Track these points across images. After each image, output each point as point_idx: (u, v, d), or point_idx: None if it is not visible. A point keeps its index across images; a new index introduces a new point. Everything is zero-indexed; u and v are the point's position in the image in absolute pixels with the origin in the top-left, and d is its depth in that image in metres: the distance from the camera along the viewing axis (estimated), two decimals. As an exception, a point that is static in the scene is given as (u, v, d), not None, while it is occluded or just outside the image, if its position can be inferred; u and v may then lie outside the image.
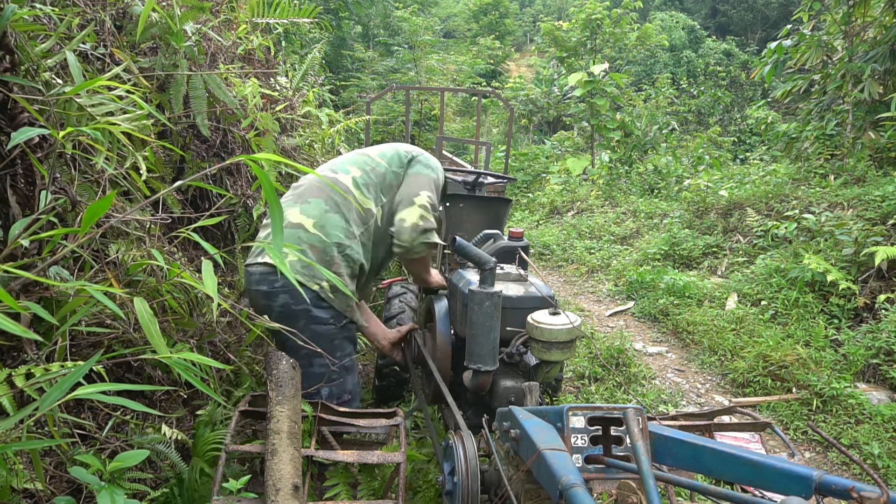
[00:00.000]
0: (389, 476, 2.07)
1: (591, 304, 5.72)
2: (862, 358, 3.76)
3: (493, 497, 1.70)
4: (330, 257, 2.07)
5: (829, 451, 3.19)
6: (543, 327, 1.96)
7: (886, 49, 6.48)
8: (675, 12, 27.04)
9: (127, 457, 1.36)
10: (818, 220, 5.08)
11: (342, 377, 2.14)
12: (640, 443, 1.10)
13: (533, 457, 1.26)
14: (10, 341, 1.49)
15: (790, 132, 7.71)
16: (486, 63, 21.01)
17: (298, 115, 3.52)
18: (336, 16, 14.52)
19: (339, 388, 2.14)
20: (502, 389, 2.12)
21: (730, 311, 4.65)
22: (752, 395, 3.72)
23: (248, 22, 3.13)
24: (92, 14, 2.06)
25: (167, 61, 2.23)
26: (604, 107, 10.44)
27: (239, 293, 2.73)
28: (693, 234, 6.55)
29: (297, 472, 1.51)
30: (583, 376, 3.88)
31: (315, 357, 2.02)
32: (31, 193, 1.61)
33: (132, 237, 1.95)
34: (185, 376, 1.34)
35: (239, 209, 2.81)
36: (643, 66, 21.16)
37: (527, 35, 32.39)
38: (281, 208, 1.35)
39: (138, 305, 1.34)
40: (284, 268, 1.39)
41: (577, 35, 11.41)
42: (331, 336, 2.08)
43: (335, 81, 10.90)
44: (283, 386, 1.70)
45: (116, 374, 1.87)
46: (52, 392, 1.10)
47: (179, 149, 2.36)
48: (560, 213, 9.63)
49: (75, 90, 1.53)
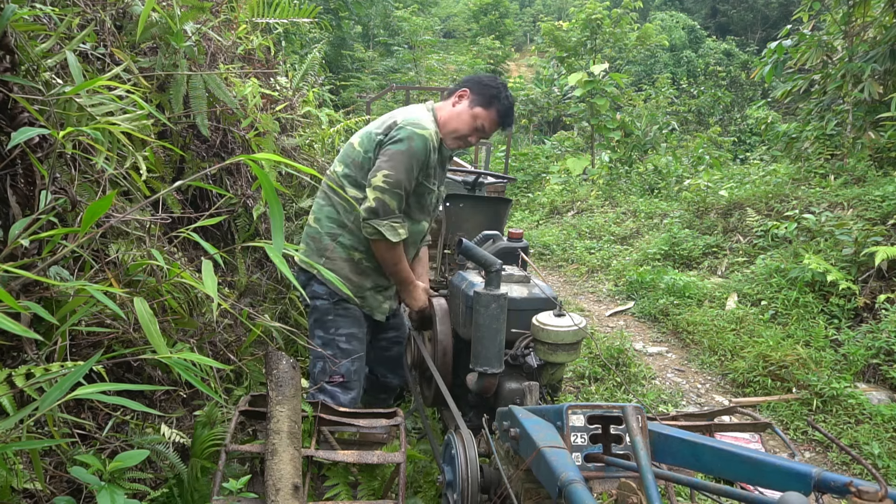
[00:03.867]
0: (389, 476, 2.07)
1: (591, 304, 5.73)
2: (862, 358, 3.76)
3: (493, 496, 1.70)
4: (324, 245, 2.29)
5: (830, 451, 3.19)
6: (549, 329, 1.95)
7: (886, 49, 6.48)
8: (675, 12, 27.06)
9: (127, 457, 1.36)
10: (818, 220, 5.08)
11: (335, 356, 2.26)
12: (639, 439, 1.10)
13: (532, 454, 1.26)
14: (10, 341, 1.49)
15: (790, 132, 7.71)
16: (486, 63, 21.02)
17: (298, 115, 3.52)
18: (336, 16, 14.53)
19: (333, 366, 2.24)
20: (507, 392, 2.12)
21: (730, 311, 4.65)
22: (752, 395, 3.73)
23: (248, 22, 3.13)
24: (92, 14, 2.06)
25: (167, 61, 2.24)
26: (604, 107, 10.44)
27: (239, 293, 2.73)
28: (693, 234, 6.55)
29: (297, 472, 1.51)
30: (583, 376, 3.88)
31: (315, 329, 2.32)
32: (31, 193, 1.62)
33: (132, 237, 1.95)
34: (185, 376, 1.34)
35: (239, 209, 2.81)
36: (643, 66, 21.17)
37: (527, 35, 32.39)
38: (281, 208, 1.35)
39: (138, 305, 1.34)
40: (284, 267, 1.40)
41: (577, 35, 11.40)
42: (324, 310, 2.30)
43: (335, 81, 10.90)
44: (283, 386, 1.70)
45: (116, 374, 1.88)
46: (52, 392, 1.10)
47: (179, 149, 2.36)
48: (560, 213, 9.63)
49: (75, 90, 1.54)
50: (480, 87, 2.25)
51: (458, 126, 2.26)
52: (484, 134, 2.32)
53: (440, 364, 2.37)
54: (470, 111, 2.25)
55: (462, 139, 2.31)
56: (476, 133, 2.30)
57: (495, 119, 2.27)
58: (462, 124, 2.26)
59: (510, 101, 2.29)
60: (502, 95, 2.25)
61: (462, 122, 2.26)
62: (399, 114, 2.26)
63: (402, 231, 2.18)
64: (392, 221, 2.15)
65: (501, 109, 2.25)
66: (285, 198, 3.22)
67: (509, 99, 2.28)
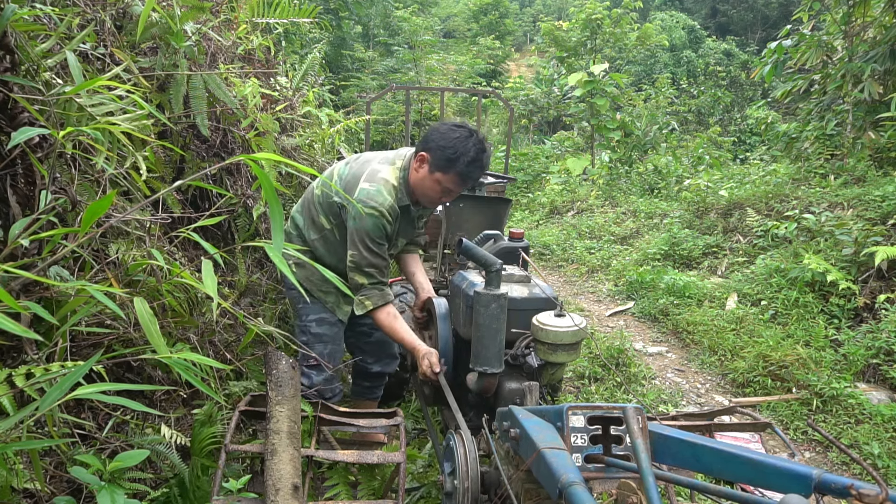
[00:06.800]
0: (389, 476, 2.07)
1: (591, 304, 5.73)
2: (862, 358, 3.76)
3: (493, 497, 1.70)
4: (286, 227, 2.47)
5: (830, 451, 3.19)
6: (549, 329, 1.95)
7: (886, 49, 6.48)
8: (675, 12, 27.04)
9: (127, 457, 1.36)
10: (818, 220, 5.08)
11: (309, 341, 2.41)
12: (639, 440, 1.10)
13: (532, 456, 1.26)
14: (10, 341, 1.49)
15: (790, 132, 7.71)
16: (486, 63, 21.01)
17: (298, 115, 3.52)
18: (336, 16, 14.53)
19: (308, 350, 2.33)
20: (507, 391, 2.12)
21: (730, 311, 4.65)
22: (752, 395, 3.72)
23: (248, 22, 3.13)
24: (92, 14, 2.06)
25: (167, 61, 2.23)
26: (604, 107, 10.43)
27: (239, 293, 2.73)
28: (693, 234, 6.55)
29: (297, 472, 1.51)
30: (583, 376, 3.88)
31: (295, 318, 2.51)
32: (31, 193, 1.62)
33: (132, 237, 1.95)
34: (185, 376, 1.34)
35: (239, 209, 2.81)
36: (643, 66, 21.16)
37: (527, 35, 32.38)
38: (281, 208, 1.35)
39: (138, 305, 1.34)
40: (284, 267, 1.40)
41: (577, 35, 11.40)
42: (295, 299, 2.48)
43: (335, 81, 10.91)
44: (283, 386, 1.70)
45: (116, 374, 1.88)
46: (52, 392, 1.10)
47: (179, 149, 2.36)
48: (560, 213, 9.63)
49: (75, 90, 1.53)
50: (438, 150, 2.13)
51: (426, 192, 2.23)
52: (453, 194, 2.26)
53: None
54: (431, 177, 2.17)
55: (433, 202, 2.29)
56: (446, 195, 2.24)
57: (457, 181, 2.16)
58: (428, 191, 2.21)
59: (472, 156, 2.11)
60: (459, 154, 2.10)
61: (427, 188, 2.21)
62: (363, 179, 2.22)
63: (369, 303, 2.23)
64: (360, 296, 2.24)
65: (462, 171, 2.12)
66: (285, 198, 3.22)
67: (469, 154, 2.10)
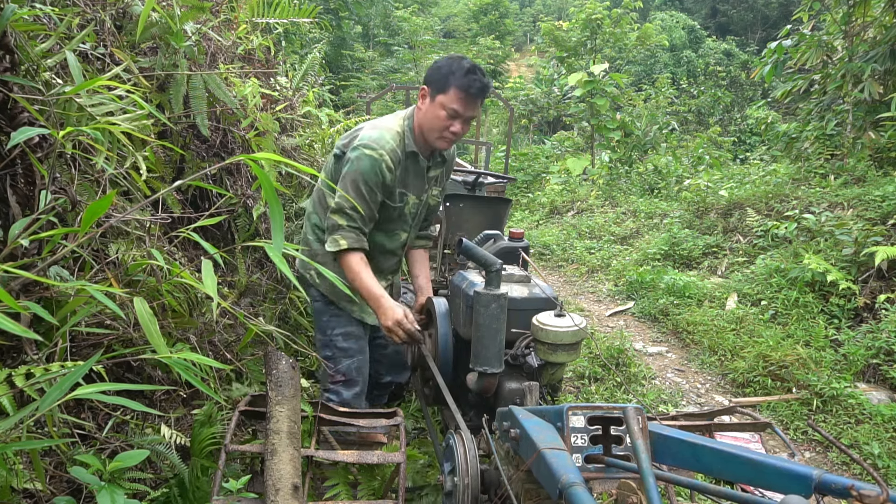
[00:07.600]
0: (389, 476, 2.07)
1: (591, 304, 5.72)
2: (862, 358, 3.76)
3: (493, 497, 1.70)
4: (314, 251, 2.35)
5: (830, 451, 3.19)
6: (549, 329, 1.95)
7: (886, 49, 6.48)
8: (675, 12, 27.04)
9: (127, 457, 1.36)
10: (818, 220, 5.08)
11: (335, 356, 2.33)
12: (640, 441, 1.10)
13: (533, 456, 1.26)
14: (10, 341, 1.49)
15: (790, 132, 7.71)
16: (486, 63, 21.00)
17: (298, 115, 3.52)
18: (336, 16, 14.52)
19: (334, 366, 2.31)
20: (507, 391, 2.12)
21: (730, 311, 4.65)
22: (752, 395, 3.72)
23: (248, 22, 3.13)
24: (92, 14, 2.06)
25: (167, 61, 2.23)
26: (604, 107, 10.44)
27: (239, 293, 2.73)
28: (693, 234, 6.55)
29: (297, 472, 1.51)
30: (583, 376, 3.88)
31: (317, 333, 2.43)
32: (31, 193, 1.61)
33: (132, 237, 1.95)
34: (185, 376, 1.34)
35: (239, 209, 2.81)
36: (643, 66, 21.16)
37: (527, 35, 32.38)
38: (281, 208, 1.35)
39: (138, 305, 1.34)
40: (284, 267, 1.39)
41: (577, 35, 11.40)
42: (319, 311, 2.38)
43: (335, 81, 10.90)
44: (283, 386, 1.70)
45: (116, 374, 1.88)
46: (52, 392, 1.10)
47: (179, 149, 2.36)
48: (560, 213, 9.63)
49: (75, 90, 1.53)
50: (433, 75, 2.10)
51: (431, 125, 2.13)
52: (461, 116, 2.11)
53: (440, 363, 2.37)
54: (434, 105, 2.10)
55: (443, 135, 2.15)
56: (453, 120, 2.11)
57: (460, 95, 2.05)
58: (433, 121, 2.12)
59: (467, 67, 2.05)
60: (455, 68, 2.05)
61: (432, 118, 2.12)
62: (365, 128, 2.20)
63: (344, 242, 2.12)
64: (336, 234, 2.13)
65: (461, 83, 2.03)
66: (285, 198, 3.22)
67: (464, 66, 2.05)
